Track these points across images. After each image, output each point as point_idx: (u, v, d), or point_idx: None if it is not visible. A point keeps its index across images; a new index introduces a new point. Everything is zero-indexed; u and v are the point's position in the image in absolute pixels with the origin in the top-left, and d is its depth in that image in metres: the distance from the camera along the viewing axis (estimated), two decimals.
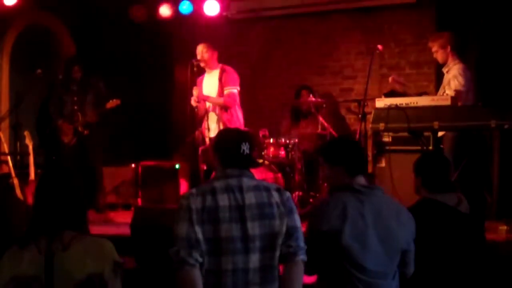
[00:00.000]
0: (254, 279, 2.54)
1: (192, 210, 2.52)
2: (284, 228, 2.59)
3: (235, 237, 2.52)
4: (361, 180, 2.86)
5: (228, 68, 5.88)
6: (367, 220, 2.72)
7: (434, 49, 5.53)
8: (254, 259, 2.54)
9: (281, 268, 2.64)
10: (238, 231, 2.52)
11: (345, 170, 2.85)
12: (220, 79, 5.79)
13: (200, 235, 2.49)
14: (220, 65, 5.90)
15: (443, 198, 3.14)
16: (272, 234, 2.57)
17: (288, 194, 2.68)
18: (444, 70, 5.52)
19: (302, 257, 2.62)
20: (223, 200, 2.55)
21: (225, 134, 2.86)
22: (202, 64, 5.86)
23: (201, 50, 5.87)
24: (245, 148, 2.67)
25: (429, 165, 3.27)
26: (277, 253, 2.59)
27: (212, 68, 5.89)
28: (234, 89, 5.79)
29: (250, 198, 2.58)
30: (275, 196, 2.63)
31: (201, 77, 5.98)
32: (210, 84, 5.88)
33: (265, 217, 2.57)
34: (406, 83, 5.81)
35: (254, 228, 2.54)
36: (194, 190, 2.61)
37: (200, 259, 2.49)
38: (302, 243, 2.63)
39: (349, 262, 2.68)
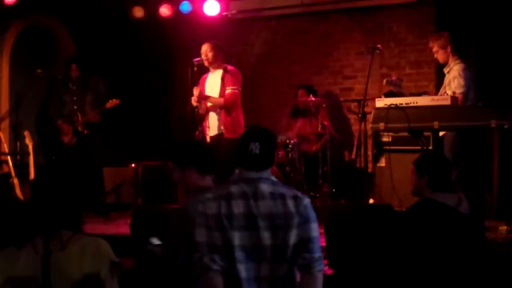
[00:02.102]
0: None
1: (208, 216, 2.49)
2: (297, 240, 2.52)
3: (247, 245, 2.48)
4: (210, 179, 2.98)
5: (232, 68, 5.87)
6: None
7: (434, 49, 5.53)
8: (265, 269, 2.50)
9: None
10: (250, 240, 2.48)
11: (197, 170, 2.95)
12: (223, 79, 5.78)
13: (218, 241, 2.47)
14: (224, 65, 5.89)
15: (443, 199, 3.13)
16: (283, 246, 2.52)
17: (306, 201, 2.58)
18: (445, 70, 5.52)
19: (318, 268, 2.55)
20: (238, 207, 2.50)
21: (242, 134, 2.78)
22: (205, 64, 5.85)
23: (205, 49, 5.85)
24: (254, 147, 2.57)
25: (436, 164, 3.25)
26: (289, 264, 2.53)
27: (216, 68, 5.88)
28: (235, 89, 5.78)
29: (264, 207, 2.51)
30: (290, 205, 2.54)
31: (204, 76, 5.98)
32: (212, 83, 5.88)
33: (278, 228, 2.51)
34: (402, 82, 5.78)
35: (266, 238, 2.49)
36: (210, 195, 2.56)
37: (222, 264, 2.47)
38: (318, 254, 2.56)
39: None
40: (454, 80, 5.32)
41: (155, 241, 2.94)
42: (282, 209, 2.53)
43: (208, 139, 5.83)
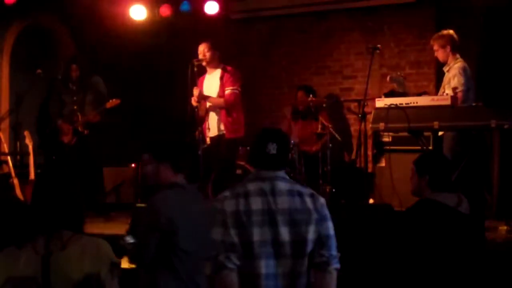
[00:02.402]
0: (284, 284, 2.52)
1: (226, 213, 2.51)
2: (315, 236, 2.55)
3: (266, 241, 2.50)
4: (182, 177, 3.05)
5: (230, 68, 5.85)
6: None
7: (434, 48, 5.53)
8: (285, 265, 2.52)
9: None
10: (269, 235, 2.50)
11: (171, 167, 3.01)
12: (222, 79, 5.77)
13: (235, 238, 2.49)
14: (222, 65, 5.88)
15: (443, 199, 3.13)
16: (302, 241, 2.54)
17: (322, 200, 2.64)
18: (445, 69, 5.52)
19: (335, 266, 2.59)
20: (256, 204, 2.52)
21: (256, 134, 2.77)
22: (203, 64, 5.83)
23: (203, 49, 5.83)
24: (272, 148, 2.60)
25: (436, 164, 3.24)
26: (307, 260, 2.56)
27: (213, 68, 5.86)
28: (235, 89, 5.76)
29: (283, 203, 2.54)
30: (309, 202, 2.59)
31: (202, 77, 5.96)
32: (211, 84, 5.86)
33: (297, 224, 2.53)
34: (405, 80, 5.79)
35: (285, 233, 2.51)
36: (227, 193, 2.59)
37: (237, 262, 2.49)
38: (335, 252, 2.60)
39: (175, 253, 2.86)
40: (454, 78, 5.31)
41: (129, 239, 2.97)
42: (300, 205, 2.57)
43: (208, 140, 5.83)
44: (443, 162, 3.29)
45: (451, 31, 5.52)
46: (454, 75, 5.32)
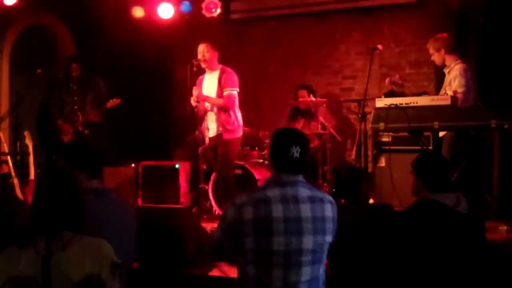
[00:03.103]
0: None
1: (242, 222, 2.45)
2: (331, 241, 2.57)
3: (288, 250, 2.44)
4: (96, 183, 3.04)
5: (228, 70, 5.85)
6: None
7: (430, 51, 5.55)
8: (306, 272, 2.49)
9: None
10: (291, 245, 2.45)
11: (86, 173, 3.00)
12: (220, 80, 5.77)
13: (249, 245, 2.44)
14: (220, 66, 5.87)
15: (442, 198, 3.12)
16: (322, 248, 2.53)
17: (337, 207, 2.65)
18: (446, 70, 5.52)
19: None
20: (277, 212, 2.46)
21: (277, 136, 2.70)
22: (203, 65, 5.81)
23: (202, 50, 5.82)
24: (295, 151, 2.54)
25: (430, 165, 3.24)
26: (324, 265, 2.57)
27: (212, 68, 5.85)
28: (233, 91, 5.76)
29: (305, 211, 2.50)
30: (329, 209, 2.57)
31: (201, 77, 5.95)
32: (209, 84, 5.86)
33: (318, 232, 2.51)
34: (404, 83, 5.78)
35: (307, 242, 2.48)
36: (246, 199, 2.51)
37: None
38: None
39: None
40: (454, 79, 5.31)
41: None
42: (320, 213, 2.54)
43: (207, 141, 5.83)
44: (437, 162, 3.27)
45: (444, 34, 5.52)
46: (455, 77, 5.32)
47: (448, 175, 3.32)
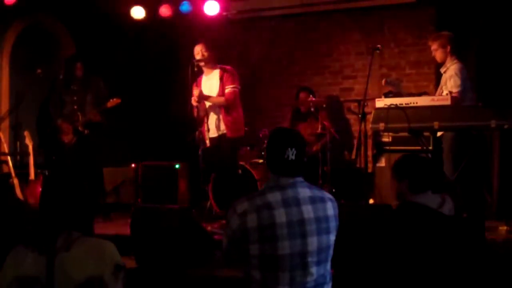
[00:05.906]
0: None
1: (246, 230, 2.44)
2: (334, 239, 2.57)
3: (293, 253, 2.44)
4: None
5: (229, 68, 5.85)
6: None
7: (433, 47, 5.50)
8: (312, 273, 2.48)
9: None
10: (296, 247, 2.44)
11: None
12: (221, 79, 5.76)
13: (254, 252, 2.44)
14: (219, 65, 5.87)
15: (425, 200, 3.03)
16: (327, 248, 2.53)
17: (337, 205, 2.64)
18: (442, 70, 5.51)
19: None
20: (280, 217, 2.44)
21: (272, 138, 2.67)
22: (201, 64, 5.81)
23: (200, 49, 5.81)
24: (291, 153, 2.53)
25: (415, 167, 3.13)
26: (329, 264, 2.56)
27: (211, 68, 5.84)
28: (235, 88, 5.76)
29: (308, 212, 2.49)
30: (330, 208, 2.57)
31: (199, 78, 5.94)
32: (210, 84, 5.85)
33: (322, 232, 2.51)
34: (400, 83, 5.78)
35: (312, 243, 2.47)
36: (248, 206, 2.48)
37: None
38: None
39: None
40: (450, 79, 5.30)
41: None
42: (323, 213, 2.53)
43: (207, 142, 5.83)
44: (421, 164, 3.16)
45: (450, 33, 5.52)
46: (450, 76, 5.31)
47: (433, 175, 3.25)
